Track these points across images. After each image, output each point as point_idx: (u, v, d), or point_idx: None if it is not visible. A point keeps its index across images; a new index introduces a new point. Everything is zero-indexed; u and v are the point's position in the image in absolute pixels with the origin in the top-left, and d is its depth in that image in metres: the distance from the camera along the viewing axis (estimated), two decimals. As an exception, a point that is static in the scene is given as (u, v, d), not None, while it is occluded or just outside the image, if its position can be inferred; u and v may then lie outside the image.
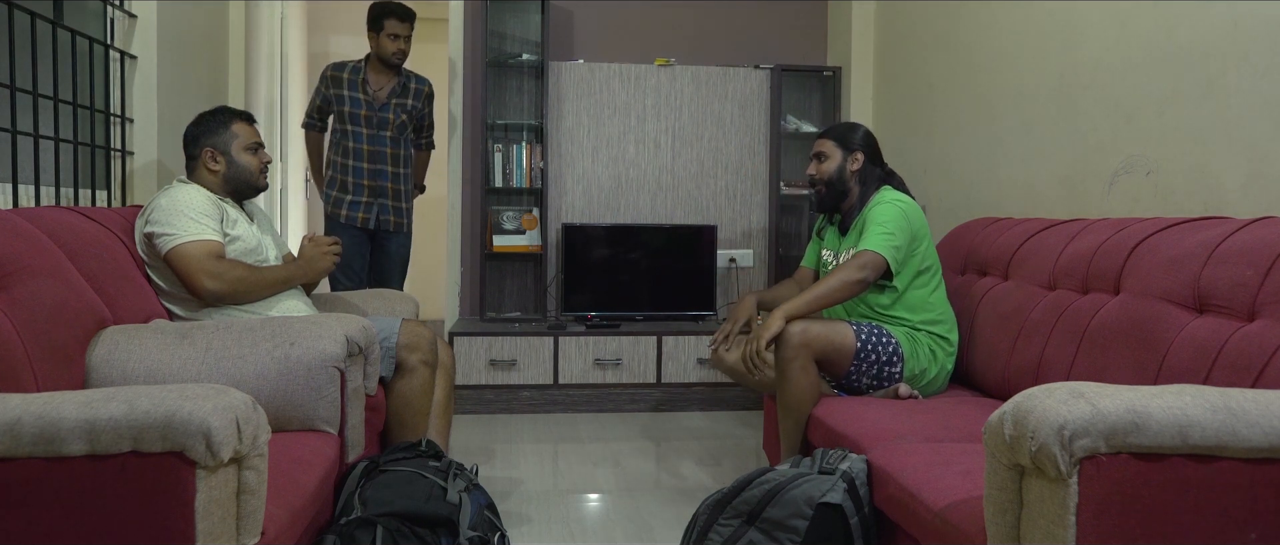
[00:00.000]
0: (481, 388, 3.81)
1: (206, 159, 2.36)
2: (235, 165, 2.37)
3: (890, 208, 2.42)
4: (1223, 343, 1.60)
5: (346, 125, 3.58)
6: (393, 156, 3.62)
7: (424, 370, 2.35)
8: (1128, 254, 1.97)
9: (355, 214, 3.58)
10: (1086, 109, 2.59)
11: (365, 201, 3.59)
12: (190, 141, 2.39)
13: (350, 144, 3.58)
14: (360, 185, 3.58)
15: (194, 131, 2.39)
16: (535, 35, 4.21)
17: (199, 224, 2.18)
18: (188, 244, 2.15)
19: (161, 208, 2.19)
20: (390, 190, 3.63)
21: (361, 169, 3.58)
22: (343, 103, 3.58)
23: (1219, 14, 2.11)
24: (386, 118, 3.59)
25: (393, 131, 3.61)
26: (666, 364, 3.91)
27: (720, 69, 4.35)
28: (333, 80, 3.61)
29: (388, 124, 3.59)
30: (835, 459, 1.88)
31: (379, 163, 3.59)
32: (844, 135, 2.58)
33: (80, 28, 2.45)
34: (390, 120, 3.60)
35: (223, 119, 2.40)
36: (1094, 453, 1.17)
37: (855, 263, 2.34)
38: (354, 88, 3.58)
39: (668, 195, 4.35)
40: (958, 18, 3.36)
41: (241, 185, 2.40)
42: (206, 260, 2.16)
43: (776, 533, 1.81)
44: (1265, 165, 1.99)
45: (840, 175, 2.56)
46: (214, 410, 1.24)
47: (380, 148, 3.59)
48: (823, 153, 2.59)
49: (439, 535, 1.85)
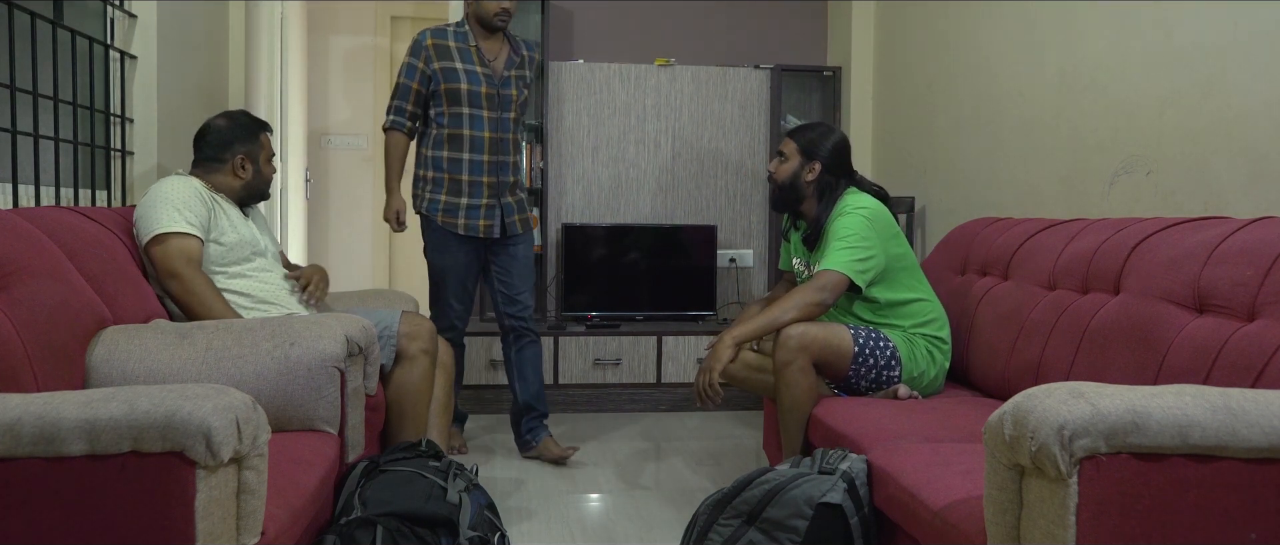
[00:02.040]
0: (482, 388, 3.80)
1: (236, 164, 2.37)
2: (259, 176, 2.42)
3: (852, 219, 2.36)
4: (1223, 343, 1.60)
5: (463, 108, 2.86)
6: (515, 143, 2.97)
7: (424, 359, 2.35)
8: (1128, 254, 1.97)
9: (475, 221, 2.92)
10: (1086, 109, 2.59)
11: (486, 204, 2.92)
12: (222, 145, 2.37)
13: (467, 132, 2.87)
14: (479, 184, 2.90)
15: (226, 136, 2.37)
16: (535, 35, 4.21)
17: (176, 215, 2.16)
18: (165, 236, 2.14)
19: (144, 199, 2.21)
20: (512, 185, 2.98)
21: (481, 164, 2.89)
22: (455, 78, 2.85)
23: (1219, 14, 2.11)
24: (509, 95, 2.92)
25: (516, 112, 2.96)
26: (666, 364, 3.91)
27: (720, 69, 4.35)
28: (437, 51, 2.87)
29: (511, 102, 2.93)
30: (835, 459, 1.88)
31: (501, 153, 2.92)
32: (809, 143, 2.49)
33: (80, 28, 2.45)
34: (512, 98, 2.94)
35: (257, 128, 2.42)
36: (1094, 453, 1.17)
37: (815, 284, 2.30)
38: (467, 58, 2.87)
39: (668, 195, 4.35)
40: (958, 18, 3.36)
41: (257, 193, 2.44)
42: (177, 260, 2.13)
43: (776, 533, 1.81)
44: (1265, 165, 1.99)
45: (793, 182, 2.49)
46: (214, 410, 1.24)
47: (503, 134, 2.92)
48: (783, 153, 2.53)
49: (439, 535, 1.85)
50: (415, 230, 3.08)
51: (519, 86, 2.97)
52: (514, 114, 2.95)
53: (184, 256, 2.14)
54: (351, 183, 5.98)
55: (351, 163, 5.99)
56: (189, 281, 2.12)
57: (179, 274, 2.12)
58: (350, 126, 5.97)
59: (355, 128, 5.98)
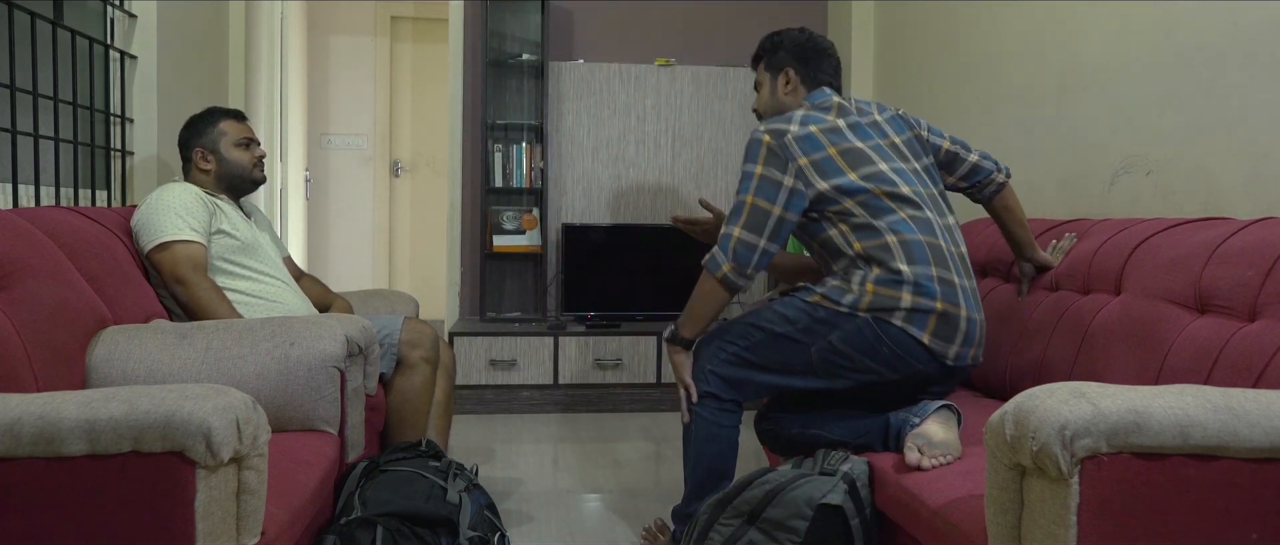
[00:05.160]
0: (481, 388, 3.80)
1: (197, 160, 2.41)
2: (226, 162, 2.41)
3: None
4: (1224, 343, 1.60)
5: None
6: None
7: (425, 367, 2.35)
8: (1129, 254, 1.97)
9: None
10: (1086, 109, 2.59)
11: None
12: (181, 145, 2.44)
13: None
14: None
15: (184, 135, 2.44)
16: (535, 35, 4.21)
17: (180, 221, 2.18)
18: (170, 244, 2.15)
19: (146, 206, 2.21)
20: None
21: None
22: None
23: (1219, 14, 2.11)
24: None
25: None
26: (666, 364, 3.90)
27: (720, 69, 4.35)
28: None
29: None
30: (836, 460, 1.88)
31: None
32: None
33: (80, 28, 2.45)
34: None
35: (210, 118, 2.44)
36: (1095, 452, 1.17)
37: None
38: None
39: (668, 195, 4.35)
40: (958, 18, 3.36)
41: (236, 181, 2.43)
42: (183, 266, 2.15)
43: (777, 533, 1.80)
44: (1265, 165, 1.99)
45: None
46: (214, 410, 1.24)
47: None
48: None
49: (439, 535, 1.85)
50: (415, 230, 3.07)
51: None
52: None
53: (190, 262, 2.15)
54: (351, 183, 5.98)
55: (351, 163, 5.99)
56: (194, 287, 2.14)
57: (185, 280, 2.14)
58: (350, 126, 5.98)
59: (355, 128, 5.98)
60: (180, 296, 2.15)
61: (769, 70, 2.24)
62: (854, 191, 1.95)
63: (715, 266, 2.00)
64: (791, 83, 2.19)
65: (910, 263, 1.89)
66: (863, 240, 1.94)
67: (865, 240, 1.94)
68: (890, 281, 1.89)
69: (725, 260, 1.98)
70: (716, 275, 2.00)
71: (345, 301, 2.71)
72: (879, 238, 1.93)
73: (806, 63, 2.20)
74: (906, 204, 1.96)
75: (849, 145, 2.01)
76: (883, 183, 1.97)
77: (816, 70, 2.20)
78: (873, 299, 1.90)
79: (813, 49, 2.22)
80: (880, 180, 1.97)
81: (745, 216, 1.98)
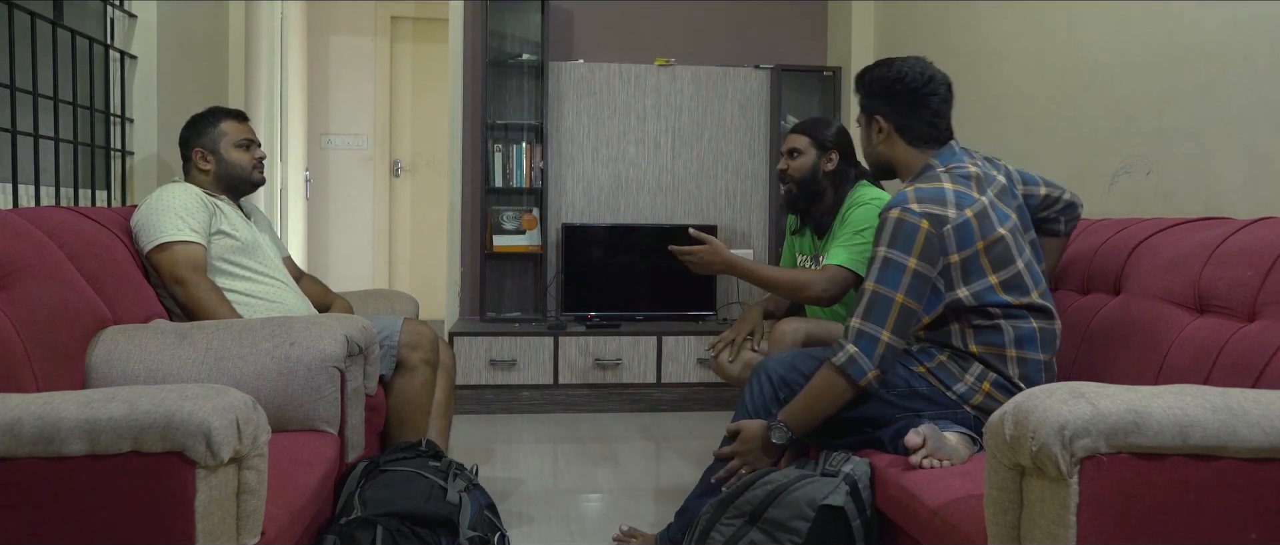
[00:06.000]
0: (481, 388, 3.80)
1: (197, 159, 2.42)
2: (225, 162, 2.41)
3: (869, 211, 2.33)
4: (1223, 343, 1.60)
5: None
6: None
7: (425, 369, 2.35)
8: (1128, 254, 1.97)
9: None
10: (1086, 109, 2.59)
11: None
12: (182, 144, 2.44)
13: None
14: None
15: (185, 134, 2.44)
16: (535, 35, 4.21)
17: (180, 222, 2.18)
18: (169, 244, 2.16)
19: (146, 206, 2.21)
20: None
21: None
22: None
23: (1219, 14, 2.11)
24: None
25: None
26: (666, 364, 3.90)
27: (720, 69, 4.35)
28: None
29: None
30: (838, 461, 1.87)
31: None
32: (818, 131, 2.45)
33: (80, 28, 2.45)
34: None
35: (211, 118, 2.44)
36: (1094, 452, 1.17)
37: (825, 277, 2.27)
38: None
39: (668, 195, 4.35)
40: (958, 18, 3.36)
41: (235, 182, 2.43)
42: (183, 267, 2.15)
43: (778, 534, 1.80)
44: (1265, 165, 1.99)
45: (814, 174, 2.44)
46: (214, 410, 1.24)
47: None
48: (796, 149, 2.46)
49: (439, 535, 1.85)
50: (415, 230, 3.07)
51: None
52: None
53: (190, 263, 2.15)
54: (351, 183, 5.98)
55: (351, 163, 5.99)
56: (194, 287, 2.14)
57: (185, 281, 2.14)
58: (350, 126, 5.97)
59: (355, 127, 5.98)
60: (180, 297, 2.15)
61: (863, 113, 2.00)
62: (991, 304, 1.79)
63: (858, 373, 1.77)
64: (884, 131, 1.94)
65: (1025, 379, 1.81)
66: (980, 343, 1.82)
67: (982, 343, 1.82)
68: (1005, 388, 1.81)
69: (870, 367, 1.76)
70: (859, 382, 1.77)
71: (345, 302, 2.71)
72: (1000, 346, 1.81)
73: (896, 105, 1.91)
74: (1037, 314, 1.82)
75: (994, 236, 1.79)
76: (1018, 292, 1.80)
77: (913, 118, 1.91)
78: (985, 401, 1.81)
79: (903, 89, 1.90)
80: (1016, 290, 1.80)
81: (895, 318, 1.74)
